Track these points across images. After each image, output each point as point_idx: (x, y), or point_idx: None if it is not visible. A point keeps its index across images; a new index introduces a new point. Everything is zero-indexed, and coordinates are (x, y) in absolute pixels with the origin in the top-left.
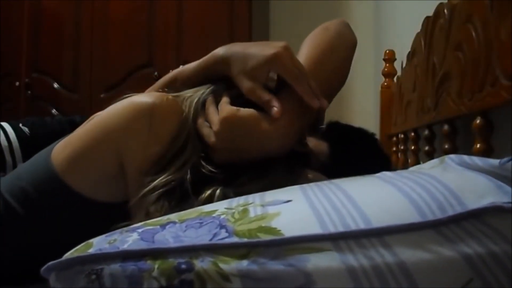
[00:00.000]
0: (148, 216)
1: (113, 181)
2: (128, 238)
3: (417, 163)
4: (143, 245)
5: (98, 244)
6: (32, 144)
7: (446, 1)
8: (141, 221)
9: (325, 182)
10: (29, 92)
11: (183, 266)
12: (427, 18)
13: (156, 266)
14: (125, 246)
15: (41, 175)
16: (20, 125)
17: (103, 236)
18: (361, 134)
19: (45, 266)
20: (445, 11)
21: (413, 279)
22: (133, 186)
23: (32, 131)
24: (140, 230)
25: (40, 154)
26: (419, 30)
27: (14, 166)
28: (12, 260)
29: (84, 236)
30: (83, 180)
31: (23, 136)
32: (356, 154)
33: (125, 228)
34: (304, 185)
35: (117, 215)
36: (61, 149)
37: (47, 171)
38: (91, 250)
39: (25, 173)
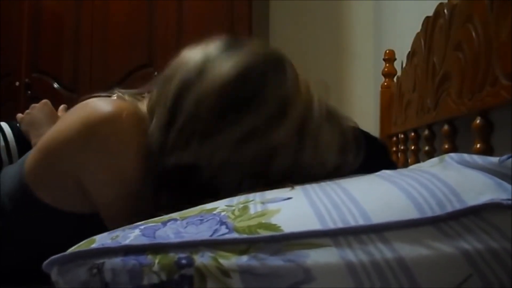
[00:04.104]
0: None
1: (76, 195)
2: (130, 234)
3: (417, 163)
4: (144, 240)
5: (101, 240)
6: (30, 143)
7: (446, 1)
8: None
9: (325, 179)
10: (29, 92)
11: (184, 261)
12: (427, 18)
13: (156, 261)
14: (127, 242)
15: (15, 182)
16: (18, 124)
17: (105, 233)
18: (371, 141)
19: (48, 260)
20: (445, 11)
21: (412, 274)
22: (109, 205)
23: None
24: (142, 227)
25: (23, 157)
26: (419, 30)
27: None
28: None
29: (58, 245)
30: (48, 191)
31: (21, 135)
32: (365, 162)
33: (127, 226)
34: (305, 183)
35: (89, 225)
36: (30, 157)
37: (20, 178)
38: (93, 246)
39: (7, 178)
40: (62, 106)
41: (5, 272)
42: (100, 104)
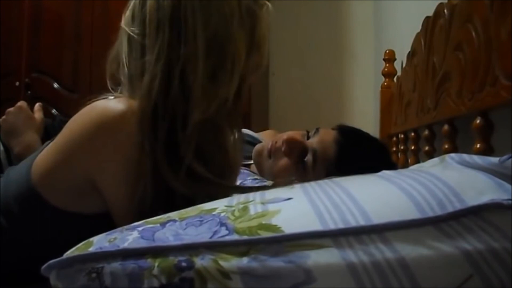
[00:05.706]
0: None
1: (87, 195)
2: (128, 237)
3: (417, 163)
4: (143, 243)
5: (98, 242)
6: None
7: (446, 1)
8: None
9: (325, 180)
10: (29, 92)
11: (183, 264)
12: (427, 18)
13: (156, 264)
14: (126, 245)
15: (22, 186)
16: None
17: (103, 234)
18: (372, 142)
19: (46, 264)
20: (445, 11)
21: (413, 274)
22: (120, 200)
23: None
24: (140, 229)
25: (26, 161)
26: (419, 30)
27: None
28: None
29: (66, 248)
30: (58, 194)
31: None
32: (365, 163)
33: (125, 227)
34: (305, 183)
35: (97, 225)
36: (39, 161)
37: (27, 183)
38: (91, 249)
39: (12, 180)
40: (37, 105)
41: (10, 272)
42: (112, 103)
